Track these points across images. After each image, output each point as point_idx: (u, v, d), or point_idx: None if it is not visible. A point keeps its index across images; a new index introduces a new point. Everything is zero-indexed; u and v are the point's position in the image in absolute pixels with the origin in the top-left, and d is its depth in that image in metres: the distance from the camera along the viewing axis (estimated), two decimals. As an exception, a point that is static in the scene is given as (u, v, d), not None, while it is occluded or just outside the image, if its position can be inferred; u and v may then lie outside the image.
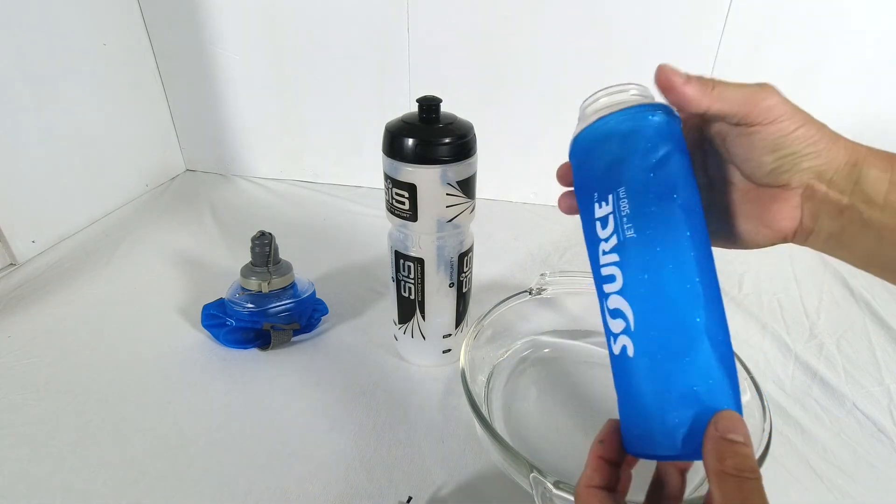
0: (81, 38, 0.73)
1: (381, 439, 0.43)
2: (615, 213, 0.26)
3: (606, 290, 0.27)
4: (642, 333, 0.25)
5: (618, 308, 0.26)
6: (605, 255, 0.27)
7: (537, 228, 0.79)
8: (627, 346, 0.26)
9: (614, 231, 0.26)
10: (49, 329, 0.55)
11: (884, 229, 0.25)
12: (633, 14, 0.70)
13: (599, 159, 0.27)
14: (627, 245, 0.26)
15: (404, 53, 0.78)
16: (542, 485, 0.31)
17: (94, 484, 0.39)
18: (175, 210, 0.82)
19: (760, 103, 0.25)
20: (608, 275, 0.26)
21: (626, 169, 0.26)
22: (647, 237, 0.25)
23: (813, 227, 0.27)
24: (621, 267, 0.26)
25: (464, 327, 0.50)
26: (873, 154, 0.26)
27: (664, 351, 0.25)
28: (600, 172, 0.27)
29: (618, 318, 0.26)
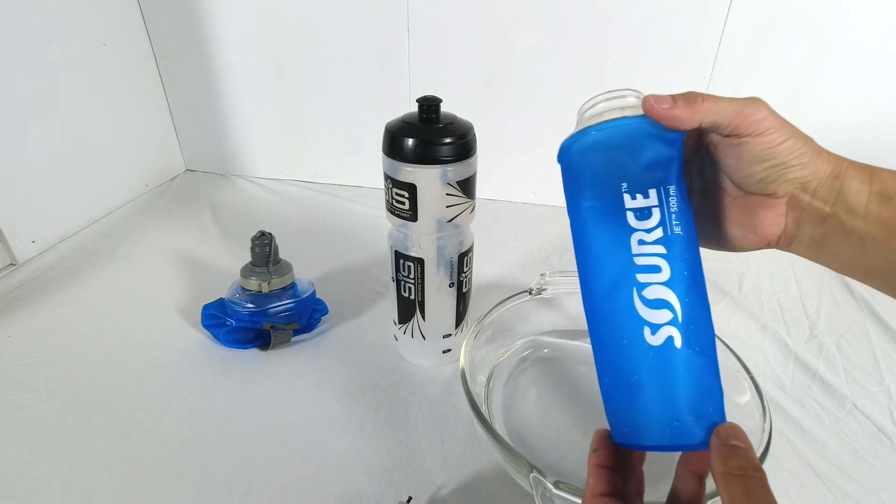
0: (81, 38, 0.73)
1: (381, 439, 0.43)
2: (662, 207, 0.27)
3: (644, 279, 0.27)
4: (687, 326, 0.27)
5: (662, 299, 0.27)
6: (645, 245, 0.27)
7: (537, 228, 0.79)
8: (675, 336, 0.27)
9: (660, 223, 0.27)
10: (49, 329, 0.55)
11: (865, 237, 0.26)
12: (633, 14, 0.70)
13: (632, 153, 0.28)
14: (674, 240, 0.27)
15: (404, 53, 0.78)
16: (542, 485, 0.31)
17: (94, 484, 0.39)
18: (175, 210, 0.82)
19: (750, 116, 0.27)
20: (650, 264, 0.27)
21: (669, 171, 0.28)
22: (687, 238, 0.27)
23: (796, 233, 0.29)
24: (668, 259, 0.27)
25: (464, 327, 0.50)
26: (855, 167, 0.27)
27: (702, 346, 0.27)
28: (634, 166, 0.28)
29: (662, 309, 0.27)
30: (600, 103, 0.30)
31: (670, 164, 0.28)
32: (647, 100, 0.27)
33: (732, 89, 0.71)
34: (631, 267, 0.28)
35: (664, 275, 0.27)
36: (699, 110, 0.27)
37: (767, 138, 0.27)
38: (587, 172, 0.29)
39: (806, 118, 0.77)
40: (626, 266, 0.28)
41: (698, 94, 0.27)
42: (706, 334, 0.27)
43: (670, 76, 0.72)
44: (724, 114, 0.27)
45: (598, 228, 0.29)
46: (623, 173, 0.28)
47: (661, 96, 0.27)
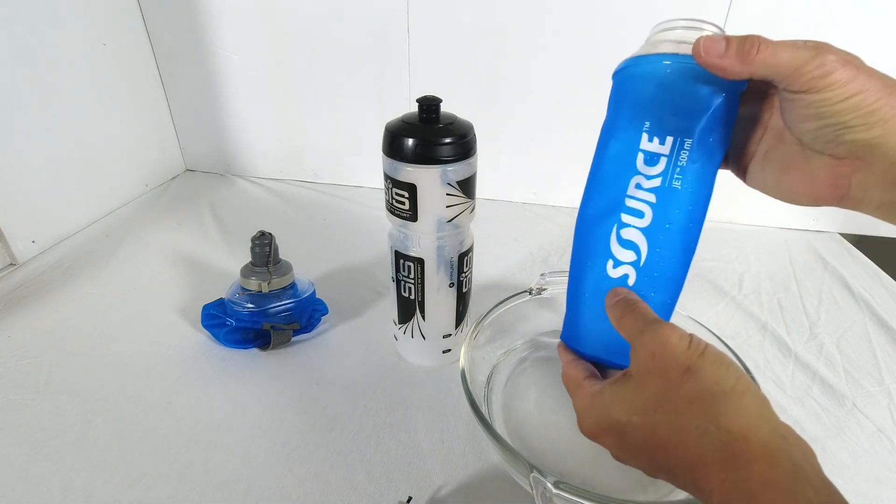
0: (81, 38, 0.73)
1: (381, 439, 0.43)
2: (671, 158, 0.28)
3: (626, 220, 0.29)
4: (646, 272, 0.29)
5: (633, 241, 0.29)
6: (639, 190, 0.29)
7: (537, 228, 0.79)
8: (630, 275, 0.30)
9: (662, 174, 0.28)
10: (49, 329, 0.55)
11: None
12: (633, 14, 0.69)
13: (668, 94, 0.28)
14: (669, 193, 0.28)
15: (404, 53, 0.78)
16: (542, 485, 0.31)
17: (94, 484, 0.39)
18: (175, 210, 0.82)
19: (809, 72, 0.24)
20: (636, 208, 0.29)
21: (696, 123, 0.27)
22: (686, 193, 0.28)
23: (863, 196, 0.26)
24: (654, 209, 0.28)
25: (464, 327, 0.50)
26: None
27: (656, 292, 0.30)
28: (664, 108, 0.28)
29: (629, 250, 0.30)
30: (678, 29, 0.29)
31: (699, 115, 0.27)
32: (697, 43, 0.25)
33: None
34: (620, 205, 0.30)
35: (644, 221, 0.29)
36: (751, 62, 0.24)
37: (826, 95, 0.24)
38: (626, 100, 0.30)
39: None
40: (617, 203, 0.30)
41: (756, 41, 0.24)
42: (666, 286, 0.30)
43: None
44: (781, 68, 0.24)
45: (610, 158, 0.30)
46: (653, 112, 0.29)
47: (715, 39, 0.25)
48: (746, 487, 0.21)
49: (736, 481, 0.22)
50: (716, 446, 0.23)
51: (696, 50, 0.25)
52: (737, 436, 0.23)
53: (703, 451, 0.23)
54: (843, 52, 0.24)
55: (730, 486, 0.22)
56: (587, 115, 0.76)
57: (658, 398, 0.26)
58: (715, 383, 0.25)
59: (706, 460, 0.23)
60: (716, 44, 0.25)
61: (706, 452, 0.23)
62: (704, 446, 0.23)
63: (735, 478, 0.22)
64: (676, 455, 0.25)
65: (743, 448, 0.22)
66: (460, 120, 0.42)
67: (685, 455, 0.24)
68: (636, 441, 0.27)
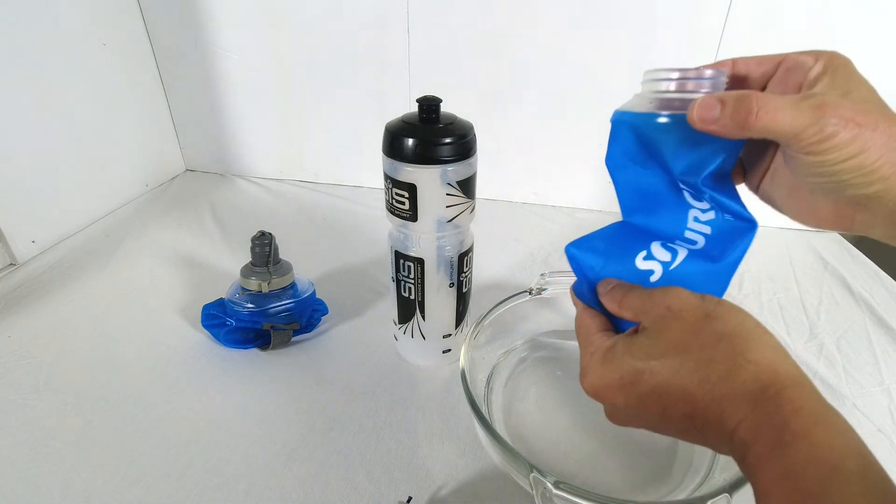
0: (81, 38, 0.73)
1: (381, 439, 0.43)
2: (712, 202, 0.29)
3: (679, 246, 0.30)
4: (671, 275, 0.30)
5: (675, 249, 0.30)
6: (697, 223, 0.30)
7: (537, 228, 0.79)
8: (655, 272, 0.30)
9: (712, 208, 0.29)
10: (49, 329, 0.55)
11: None
12: (633, 14, 0.70)
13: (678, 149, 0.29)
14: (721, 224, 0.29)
15: (404, 53, 0.78)
16: (542, 485, 0.31)
17: (94, 484, 0.39)
18: (175, 210, 0.82)
19: (810, 137, 0.23)
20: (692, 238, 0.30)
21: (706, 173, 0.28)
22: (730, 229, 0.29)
23: (867, 231, 0.26)
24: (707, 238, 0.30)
25: (464, 327, 0.50)
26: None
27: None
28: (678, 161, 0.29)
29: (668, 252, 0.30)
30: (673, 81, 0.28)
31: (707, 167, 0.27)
32: (691, 110, 0.25)
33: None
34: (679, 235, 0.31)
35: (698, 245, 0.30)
36: (749, 127, 0.23)
37: (826, 157, 0.23)
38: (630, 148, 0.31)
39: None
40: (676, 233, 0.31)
41: (753, 104, 0.23)
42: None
43: (670, 76, 0.72)
44: (779, 133, 0.23)
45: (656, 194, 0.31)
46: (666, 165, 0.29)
47: (709, 101, 0.24)
48: (777, 414, 0.22)
49: (766, 410, 0.22)
50: (746, 378, 0.23)
51: (690, 118, 0.25)
52: (765, 368, 0.23)
53: (732, 384, 0.23)
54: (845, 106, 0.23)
55: (759, 416, 0.22)
56: (587, 115, 0.77)
57: (680, 340, 0.26)
58: (739, 324, 0.25)
59: (734, 394, 0.23)
60: (710, 110, 0.24)
61: (734, 385, 0.23)
62: (733, 379, 0.23)
63: (766, 407, 0.22)
64: (702, 394, 0.24)
65: (772, 378, 0.23)
66: (460, 120, 0.42)
67: (710, 392, 0.24)
68: (653, 387, 0.26)
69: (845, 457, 0.20)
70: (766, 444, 0.21)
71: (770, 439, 0.21)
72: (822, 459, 0.20)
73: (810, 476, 0.20)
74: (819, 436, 0.21)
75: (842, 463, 0.20)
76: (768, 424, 0.22)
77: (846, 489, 0.19)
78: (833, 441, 0.21)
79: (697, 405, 0.24)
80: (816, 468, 0.20)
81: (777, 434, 0.21)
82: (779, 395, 0.22)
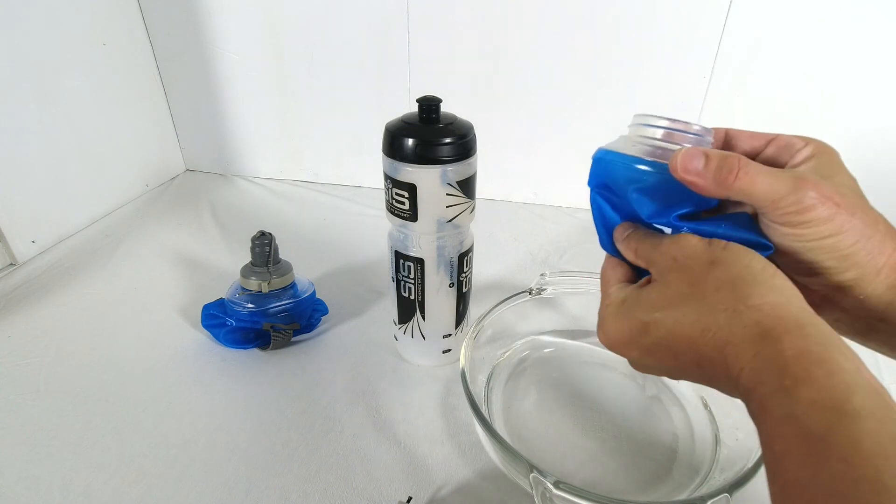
0: (81, 38, 0.73)
1: (381, 439, 0.43)
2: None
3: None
4: None
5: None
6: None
7: (537, 228, 0.79)
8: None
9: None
10: (49, 329, 0.55)
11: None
12: (633, 14, 0.69)
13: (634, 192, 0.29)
14: None
15: (404, 53, 0.78)
16: (542, 485, 0.31)
17: (94, 484, 0.39)
18: (175, 210, 0.82)
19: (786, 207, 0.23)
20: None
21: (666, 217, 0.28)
22: None
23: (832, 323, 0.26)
24: None
25: (464, 327, 0.50)
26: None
27: None
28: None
29: None
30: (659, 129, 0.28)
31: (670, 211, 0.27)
32: (675, 158, 0.25)
33: (732, 90, 0.71)
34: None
35: None
36: (728, 187, 0.24)
37: (801, 231, 0.23)
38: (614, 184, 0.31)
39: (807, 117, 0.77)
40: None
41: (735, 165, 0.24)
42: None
43: (670, 76, 0.72)
44: (757, 198, 0.24)
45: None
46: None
47: (695, 152, 0.24)
48: (778, 358, 0.21)
49: (767, 355, 0.22)
50: (746, 323, 0.23)
51: (672, 165, 0.25)
52: (768, 312, 0.22)
53: (733, 330, 0.23)
54: (825, 185, 0.23)
55: (761, 362, 0.22)
56: (587, 115, 0.77)
57: (682, 291, 0.25)
58: (744, 267, 0.24)
59: (735, 340, 0.23)
60: (694, 160, 0.24)
61: (736, 332, 0.23)
62: (734, 325, 0.23)
63: (766, 352, 0.22)
64: (704, 342, 0.24)
65: (774, 323, 0.22)
66: (460, 120, 0.42)
67: (713, 340, 0.24)
68: (659, 339, 0.26)
69: (849, 395, 0.19)
70: (767, 389, 0.21)
71: (771, 385, 0.21)
72: (823, 401, 0.19)
73: (813, 419, 0.19)
74: (820, 378, 0.20)
75: (845, 402, 0.19)
76: (769, 370, 0.21)
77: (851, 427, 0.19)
78: (834, 381, 0.20)
79: (703, 354, 0.24)
80: (819, 411, 0.19)
81: (778, 379, 0.21)
82: (780, 339, 0.22)
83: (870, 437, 0.18)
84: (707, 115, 0.74)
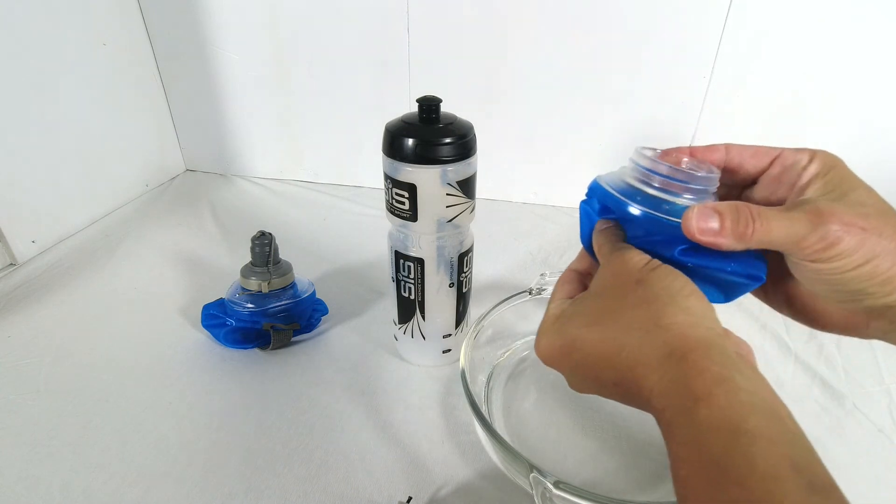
0: (81, 38, 0.73)
1: (381, 439, 0.43)
2: None
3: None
4: None
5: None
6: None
7: (537, 228, 0.79)
8: None
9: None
10: (49, 329, 0.55)
11: None
12: (633, 14, 0.69)
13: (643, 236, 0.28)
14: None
15: (404, 53, 0.78)
16: (542, 485, 0.31)
17: (94, 484, 0.39)
18: (175, 210, 0.82)
19: (812, 245, 0.22)
20: None
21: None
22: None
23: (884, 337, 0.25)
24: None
25: (464, 327, 0.50)
26: None
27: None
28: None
29: None
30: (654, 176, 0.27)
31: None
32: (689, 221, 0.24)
33: (732, 89, 0.71)
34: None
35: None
36: (748, 240, 0.23)
37: (834, 265, 0.23)
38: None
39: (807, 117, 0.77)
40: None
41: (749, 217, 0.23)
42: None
43: (670, 76, 0.72)
44: (780, 244, 0.23)
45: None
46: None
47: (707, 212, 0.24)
48: (681, 379, 0.21)
49: (673, 375, 0.22)
50: (655, 344, 0.23)
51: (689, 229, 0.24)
52: (675, 333, 0.23)
53: (644, 350, 0.23)
54: (844, 212, 0.22)
55: (667, 383, 0.22)
56: (587, 115, 0.77)
57: (609, 307, 0.26)
58: (663, 288, 0.25)
59: (645, 360, 0.23)
60: (709, 222, 0.24)
61: (646, 351, 0.23)
62: (645, 346, 0.23)
63: (672, 372, 0.22)
64: (620, 362, 0.24)
65: (680, 343, 0.22)
66: (460, 120, 0.42)
67: (627, 359, 0.24)
68: (584, 357, 0.26)
69: (746, 416, 0.20)
70: (673, 411, 0.21)
71: (675, 406, 0.21)
72: (721, 421, 0.20)
73: (712, 440, 0.19)
74: (719, 398, 0.20)
75: (742, 423, 0.19)
76: (674, 391, 0.22)
77: (747, 450, 0.19)
78: (732, 401, 0.20)
79: (620, 374, 0.24)
80: (717, 432, 0.19)
81: (680, 400, 0.21)
82: (683, 359, 0.22)
83: (764, 458, 0.18)
84: (707, 115, 0.74)
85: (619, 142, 0.78)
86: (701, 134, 0.75)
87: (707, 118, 0.74)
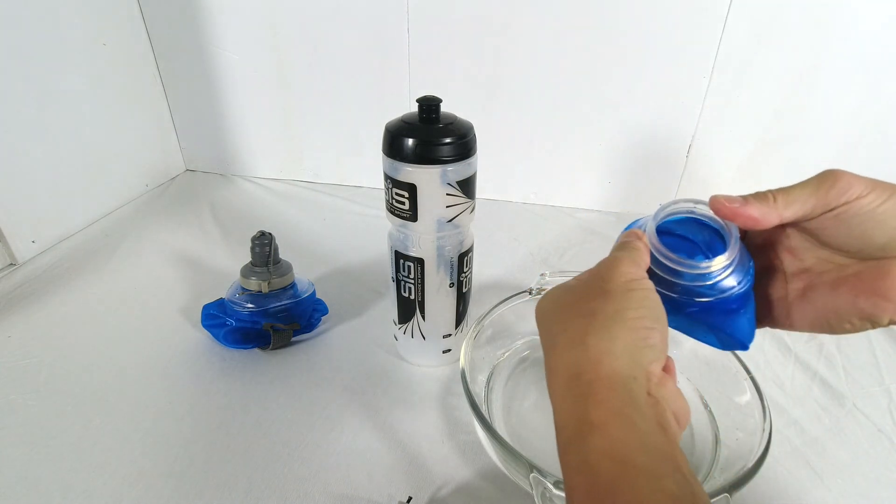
0: (81, 38, 0.73)
1: (381, 439, 0.43)
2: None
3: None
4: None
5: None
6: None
7: (537, 228, 0.79)
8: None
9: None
10: (49, 329, 0.55)
11: None
12: (632, 14, 0.69)
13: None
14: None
15: (404, 53, 0.78)
16: (542, 485, 0.31)
17: (94, 484, 0.39)
18: (175, 210, 0.82)
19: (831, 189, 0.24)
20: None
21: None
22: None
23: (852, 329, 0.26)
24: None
25: (464, 327, 0.50)
26: None
27: None
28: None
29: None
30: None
31: None
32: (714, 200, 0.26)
33: (732, 90, 0.71)
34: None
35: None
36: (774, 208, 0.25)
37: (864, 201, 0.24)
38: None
39: (807, 117, 0.77)
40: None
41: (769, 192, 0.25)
42: None
43: (670, 76, 0.72)
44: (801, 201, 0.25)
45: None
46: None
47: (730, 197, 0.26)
48: (582, 404, 0.22)
49: (574, 397, 0.23)
50: (570, 359, 0.24)
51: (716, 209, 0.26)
52: (593, 355, 0.23)
53: (562, 359, 0.24)
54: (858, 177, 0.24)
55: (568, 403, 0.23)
56: (587, 115, 0.77)
57: (568, 304, 0.27)
58: (616, 310, 0.25)
59: (559, 370, 0.24)
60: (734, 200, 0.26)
61: (561, 362, 0.24)
62: (564, 356, 0.24)
63: (575, 394, 0.23)
64: (548, 359, 0.25)
65: (592, 367, 0.23)
66: (460, 120, 0.42)
67: (549, 360, 0.25)
68: (542, 341, 0.27)
69: (635, 452, 0.20)
70: (570, 433, 0.22)
71: (573, 429, 0.22)
72: (612, 453, 0.20)
73: (603, 470, 0.20)
74: (613, 429, 0.21)
75: (631, 457, 0.20)
76: (574, 412, 0.22)
77: (634, 484, 0.19)
78: (626, 435, 0.21)
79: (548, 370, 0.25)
80: (608, 462, 0.20)
81: (578, 424, 0.22)
82: (590, 384, 0.22)
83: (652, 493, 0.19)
84: (707, 115, 0.74)
85: (619, 142, 0.78)
86: (701, 134, 0.75)
87: (707, 118, 0.74)
